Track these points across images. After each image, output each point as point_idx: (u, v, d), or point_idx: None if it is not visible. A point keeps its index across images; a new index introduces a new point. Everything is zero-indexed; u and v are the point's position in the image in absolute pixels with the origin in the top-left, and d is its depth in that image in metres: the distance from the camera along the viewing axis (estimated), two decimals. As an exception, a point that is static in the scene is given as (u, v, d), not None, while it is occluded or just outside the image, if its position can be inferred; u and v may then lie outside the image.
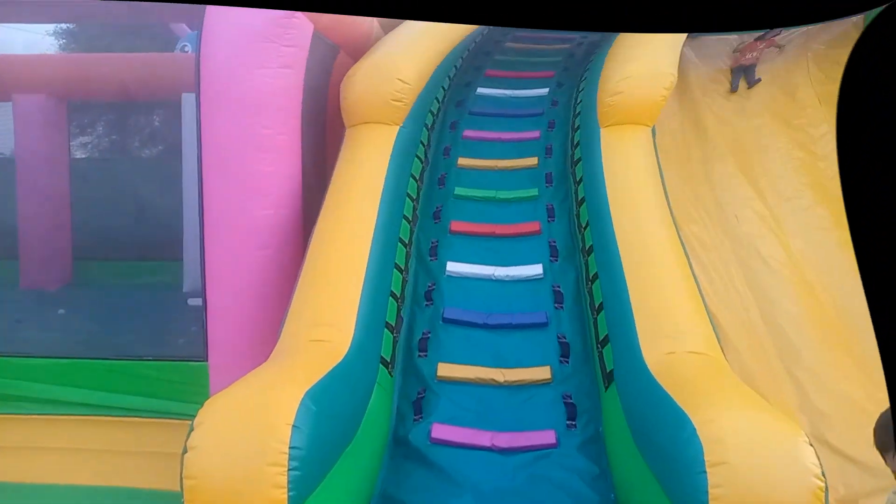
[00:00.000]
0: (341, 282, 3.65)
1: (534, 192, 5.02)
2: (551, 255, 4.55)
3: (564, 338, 4.03)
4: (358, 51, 5.22)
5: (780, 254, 4.76)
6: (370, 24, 5.44)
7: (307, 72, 4.45)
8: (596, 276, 4.01)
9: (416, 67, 4.87)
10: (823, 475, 2.40)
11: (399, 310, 4.04)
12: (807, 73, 6.29)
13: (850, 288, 4.47)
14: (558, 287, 4.34)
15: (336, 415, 2.90)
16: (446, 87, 5.87)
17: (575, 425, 3.59)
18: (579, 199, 4.61)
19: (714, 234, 4.91)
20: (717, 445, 2.43)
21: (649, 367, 3.13)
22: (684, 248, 3.92)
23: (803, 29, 6.66)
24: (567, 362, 3.92)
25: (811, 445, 2.45)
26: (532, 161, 5.24)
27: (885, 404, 3.87)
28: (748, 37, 6.31)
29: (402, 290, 4.18)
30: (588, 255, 4.22)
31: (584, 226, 4.40)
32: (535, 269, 4.45)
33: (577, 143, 4.94)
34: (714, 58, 6.70)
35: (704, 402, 2.65)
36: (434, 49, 5.26)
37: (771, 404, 2.76)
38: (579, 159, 4.82)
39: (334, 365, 3.08)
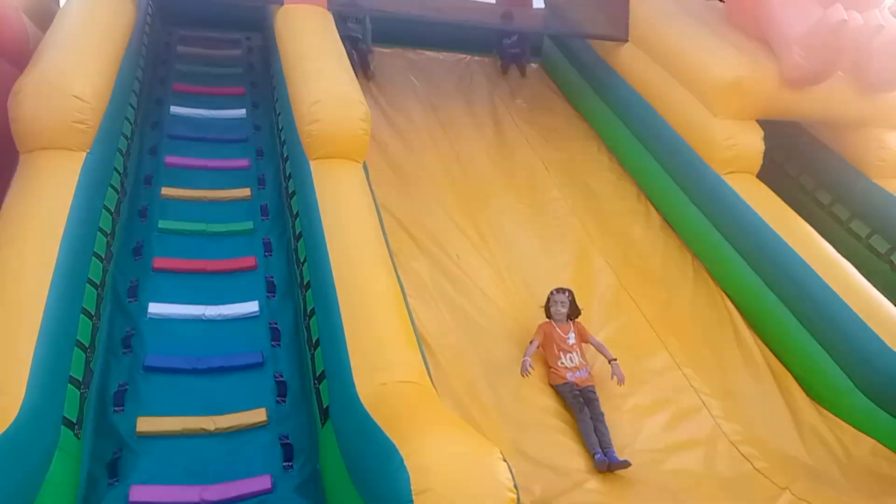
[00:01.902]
0: (8, 334, 3.09)
1: (248, 225, 4.82)
2: (269, 292, 4.39)
3: (282, 376, 3.90)
4: (18, 57, 4.50)
5: (501, 290, 5.19)
6: (21, 21, 4.72)
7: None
8: (313, 312, 3.96)
9: (93, 80, 4.35)
10: (516, 487, 2.60)
11: (88, 361, 3.56)
12: (521, 135, 6.96)
13: None
14: (276, 324, 4.20)
15: (-4, 496, 2.43)
16: (135, 106, 5.40)
17: (292, 466, 3.48)
18: (297, 233, 4.53)
19: (434, 271, 5.16)
20: (422, 474, 2.51)
21: (362, 400, 3.14)
22: (400, 283, 4.05)
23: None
24: (284, 402, 3.79)
25: (504, 461, 2.64)
26: (245, 192, 5.03)
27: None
28: None
29: (93, 338, 3.69)
30: (306, 291, 4.16)
31: (303, 261, 4.33)
32: (251, 307, 4.25)
33: (290, 175, 4.86)
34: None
35: (412, 432, 2.73)
36: (105, 54, 4.73)
37: (470, 426, 2.92)
38: (294, 192, 4.74)
39: (-5, 436, 2.58)
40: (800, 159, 6.86)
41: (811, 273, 4.88)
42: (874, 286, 5.02)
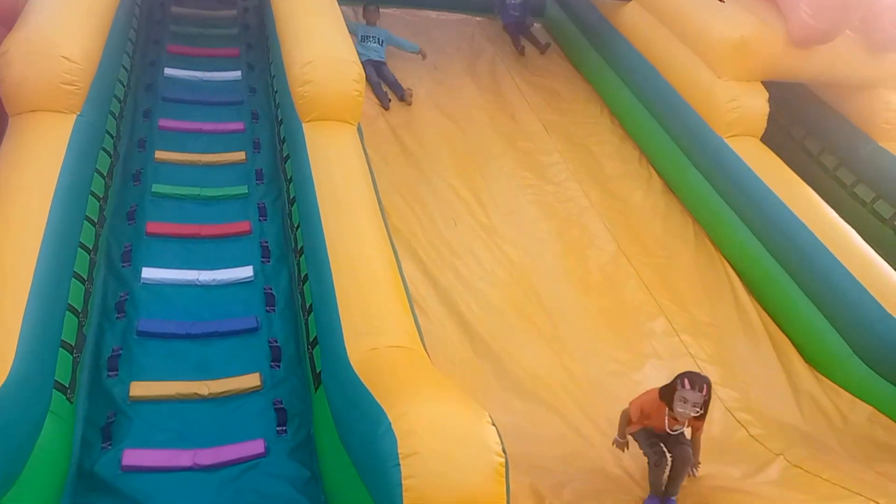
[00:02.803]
0: (-4, 298, 3.07)
1: (243, 189, 4.77)
2: (263, 257, 4.36)
3: (276, 342, 3.89)
4: (7, 16, 4.39)
5: (497, 255, 5.13)
6: None
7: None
8: (307, 277, 3.93)
9: (83, 41, 4.25)
10: (504, 451, 2.59)
11: (81, 326, 3.55)
12: (522, 97, 6.83)
13: (559, 288, 4.98)
14: (270, 289, 4.17)
15: (-17, 459, 2.43)
16: (129, 68, 5.31)
17: (286, 431, 3.49)
18: (291, 197, 4.49)
19: (431, 236, 5.12)
20: (409, 438, 2.50)
21: (353, 364, 3.13)
22: (393, 247, 4.01)
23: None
24: (278, 367, 3.79)
25: (493, 425, 2.63)
26: (239, 156, 4.97)
27: (567, 376, 4.30)
28: None
29: (86, 302, 3.68)
30: (300, 256, 4.13)
31: (296, 226, 4.29)
32: (245, 272, 4.22)
33: (284, 139, 4.80)
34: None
35: (400, 396, 2.71)
36: (95, 14, 4.61)
37: (460, 390, 2.90)
38: (288, 156, 4.68)
39: (-16, 399, 2.58)
40: (805, 122, 6.74)
41: (813, 239, 4.82)
42: (877, 251, 4.96)
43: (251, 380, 3.66)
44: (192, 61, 5.81)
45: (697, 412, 3.46)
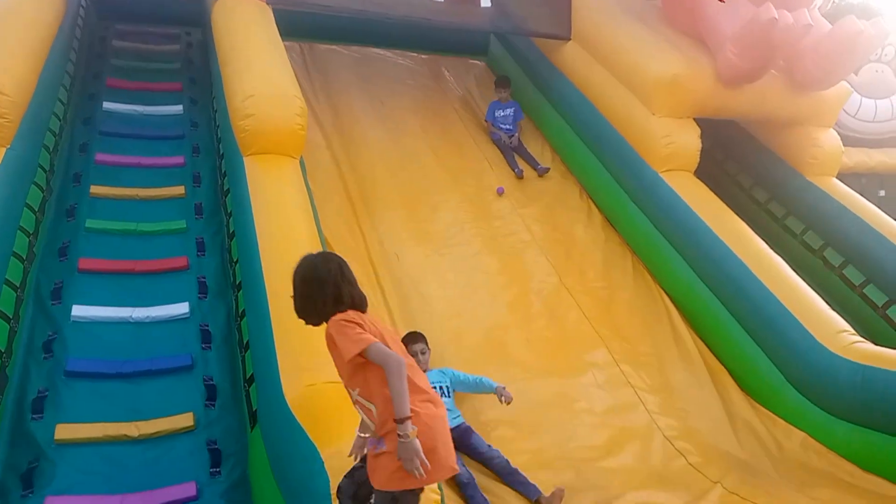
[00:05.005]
0: None
1: (181, 224, 4.70)
2: (200, 292, 4.29)
3: (211, 380, 3.81)
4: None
5: (440, 288, 5.12)
6: None
7: None
8: (245, 313, 3.87)
9: (14, 73, 4.19)
10: (440, 487, 2.57)
11: (4, 367, 3.42)
12: (468, 133, 6.92)
13: (501, 320, 4.99)
14: (207, 326, 4.10)
15: None
16: (65, 101, 5.22)
17: (219, 472, 3.40)
18: (231, 232, 4.43)
19: (376, 271, 5.09)
20: (341, 476, 2.45)
21: (288, 401, 3.07)
22: None
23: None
24: (213, 406, 3.71)
25: (426, 462, 2.60)
26: (178, 190, 4.91)
27: (507, 407, 4.27)
28: None
29: (9, 342, 3.55)
30: (238, 292, 4.07)
31: (235, 261, 4.24)
32: (181, 308, 4.15)
33: (226, 173, 4.76)
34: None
35: (334, 434, 2.68)
36: (28, 46, 4.56)
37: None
38: (229, 190, 4.64)
39: None
40: (738, 158, 7.01)
41: (745, 269, 4.97)
42: (808, 281, 5.14)
43: (184, 420, 3.58)
44: (132, 95, 5.75)
45: None
